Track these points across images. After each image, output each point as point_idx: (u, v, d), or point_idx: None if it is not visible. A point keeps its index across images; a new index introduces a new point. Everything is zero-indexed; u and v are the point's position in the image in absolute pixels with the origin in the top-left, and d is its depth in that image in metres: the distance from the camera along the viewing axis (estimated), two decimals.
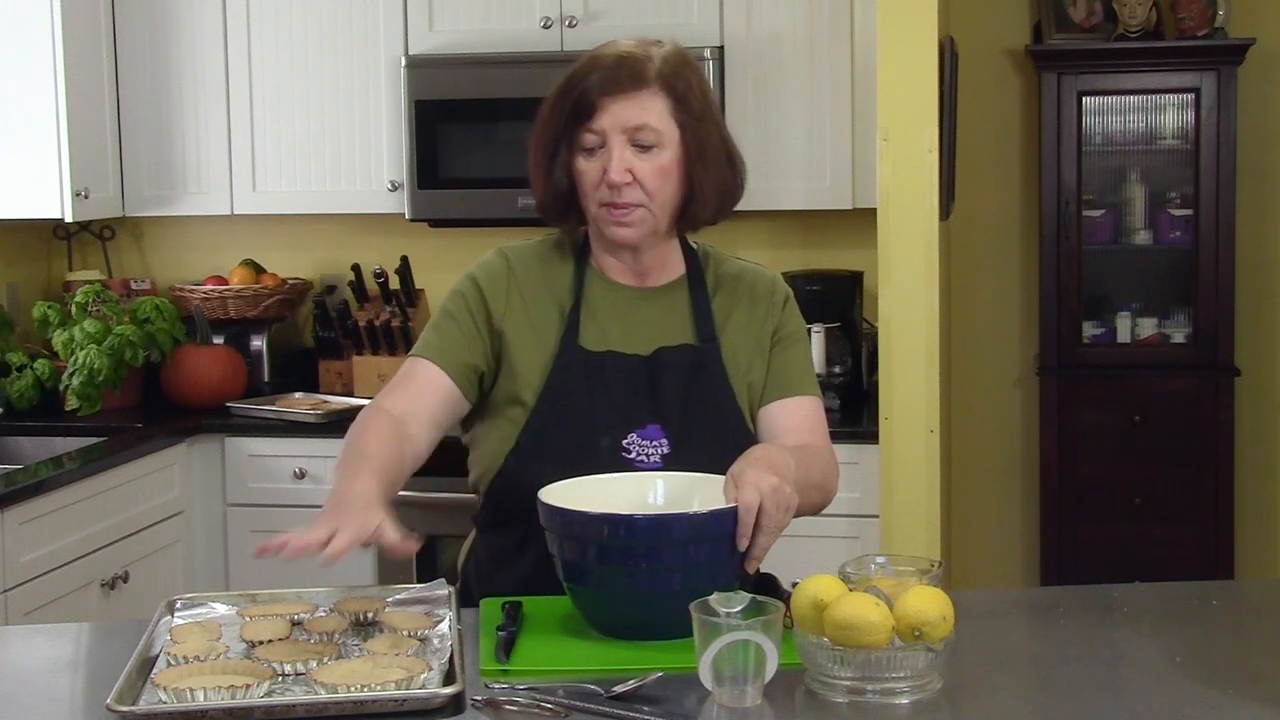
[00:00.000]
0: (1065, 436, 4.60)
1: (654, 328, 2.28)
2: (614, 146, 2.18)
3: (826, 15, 4.11)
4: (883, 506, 3.79)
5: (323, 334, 4.50)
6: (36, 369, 4.23)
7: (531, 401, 2.23)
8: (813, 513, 2.22)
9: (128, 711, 1.71)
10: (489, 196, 4.24)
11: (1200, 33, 4.51)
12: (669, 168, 2.20)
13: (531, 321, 2.26)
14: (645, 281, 2.30)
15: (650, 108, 2.18)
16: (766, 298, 2.34)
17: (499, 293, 2.27)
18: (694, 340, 2.28)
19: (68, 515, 3.57)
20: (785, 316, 2.35)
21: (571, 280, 2.29)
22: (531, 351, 2.25)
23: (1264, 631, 2.10)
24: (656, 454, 2.21)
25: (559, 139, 2.22)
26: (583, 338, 2.25)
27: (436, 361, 2.25)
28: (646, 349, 2.26)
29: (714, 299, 2.32)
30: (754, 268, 2.38)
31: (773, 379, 2.31)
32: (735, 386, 2.27)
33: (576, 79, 2.20)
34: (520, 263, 2.30)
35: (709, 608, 1.78)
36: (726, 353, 2.28)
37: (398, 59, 4.27)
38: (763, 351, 2.31)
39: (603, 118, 2.17)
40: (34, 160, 4.12)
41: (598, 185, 2.19)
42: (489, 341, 2.26)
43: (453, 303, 2.29)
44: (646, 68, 2.19)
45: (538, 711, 1.73)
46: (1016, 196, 4.81)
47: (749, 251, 4.49)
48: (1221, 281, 4.52)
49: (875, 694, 1.76)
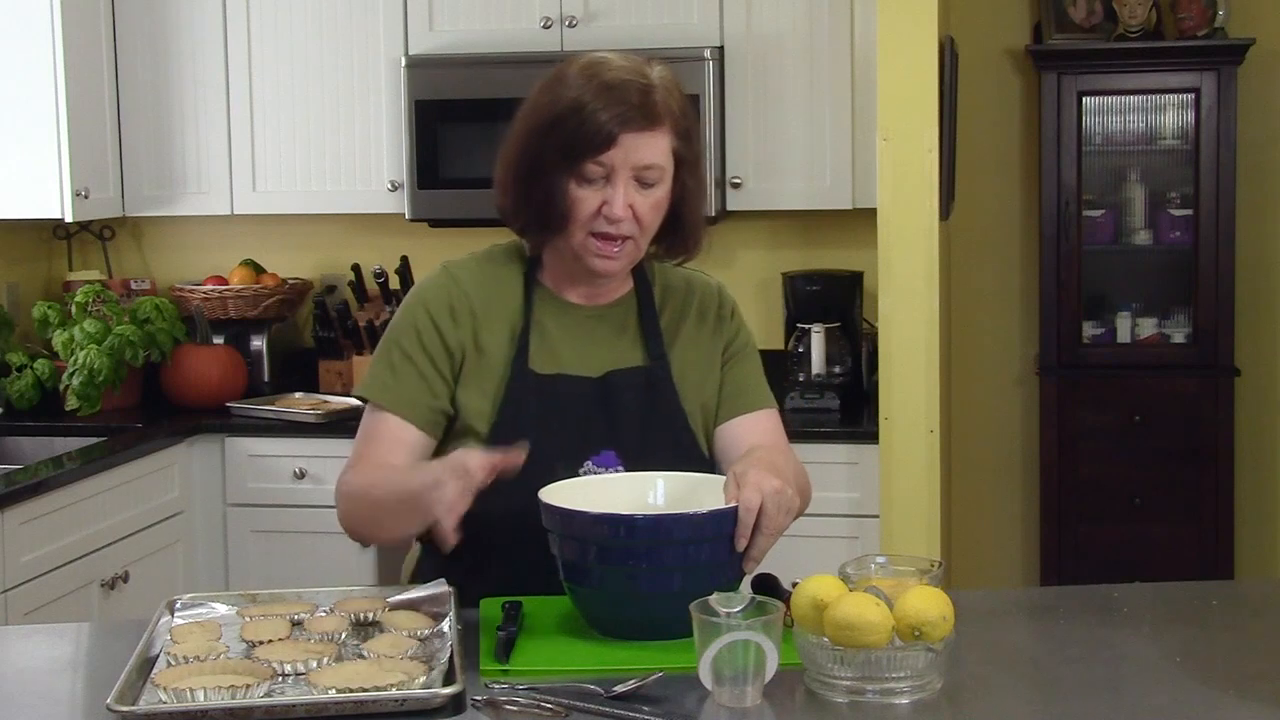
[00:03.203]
0: (1065, 436, 4.60)
1: (604, 347, 2.27)
2: (620, 182, 2.15)
3: (826, 15, 4.11)
4: (883, 506, 3.79)
5: (323, 334, 4.51)
6: (36, 369, 4.23)
7: (485, 430, 2.21)
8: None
9: (128, 711, 1.71)
10: (489, 197, 4.16)
11: (1200, 33, 4.51)
12: (662, 202, 2.20)
13: (481, 344, 2.24)
14: (595, 299, 2.29)
15: (660, 146, 2.17)
16: (715, 310, 2.34)
17: (451, 321, 2.24)
18: (643, 360, 2.27)
19: (68, 515, 3.57)
20: (734, 330, 2.35)
21: (521, 299, 2.27)
22: (483, 376, 2.23)
23: (1264, 631, 2.10)
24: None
25: (556, 157, 2.16)
26: (533, 360, 2.23)
27: (400, 414, 2.23)
28: (597, 370, 2.25)
29: (662, 314, 2.31)
30: (699, 277, 2.38)
31: (728, 395, 2.31)
32: (688, 408, 2.27)
33: (585, 106, 2.13)
34: (471, 281, 2.27)
35: (709, 608, 1.78)
36: (676, 372, 2.28)
37: (398, 59, 4.27)
38: (714, 369, 2.31)
39: (616, 153, 2.14)
40: (34, 160, 4.12)
41: (594, 217, 2.16)
42: (450, 378, 2.23)
43: (407, 339, 2.25)
44: (657, 105, 2.16)
45: (538, 711, 1.73)
46: (1016, 196, 4.81)
47: (749, 251, 4.52)
48: (1221, 281, 4.52)
49: (875, 694, 1.77)
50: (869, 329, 4.26)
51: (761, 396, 2.34)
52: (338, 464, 4.05)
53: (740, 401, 2.31)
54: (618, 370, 2.25)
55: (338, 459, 4.07)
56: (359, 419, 4.43)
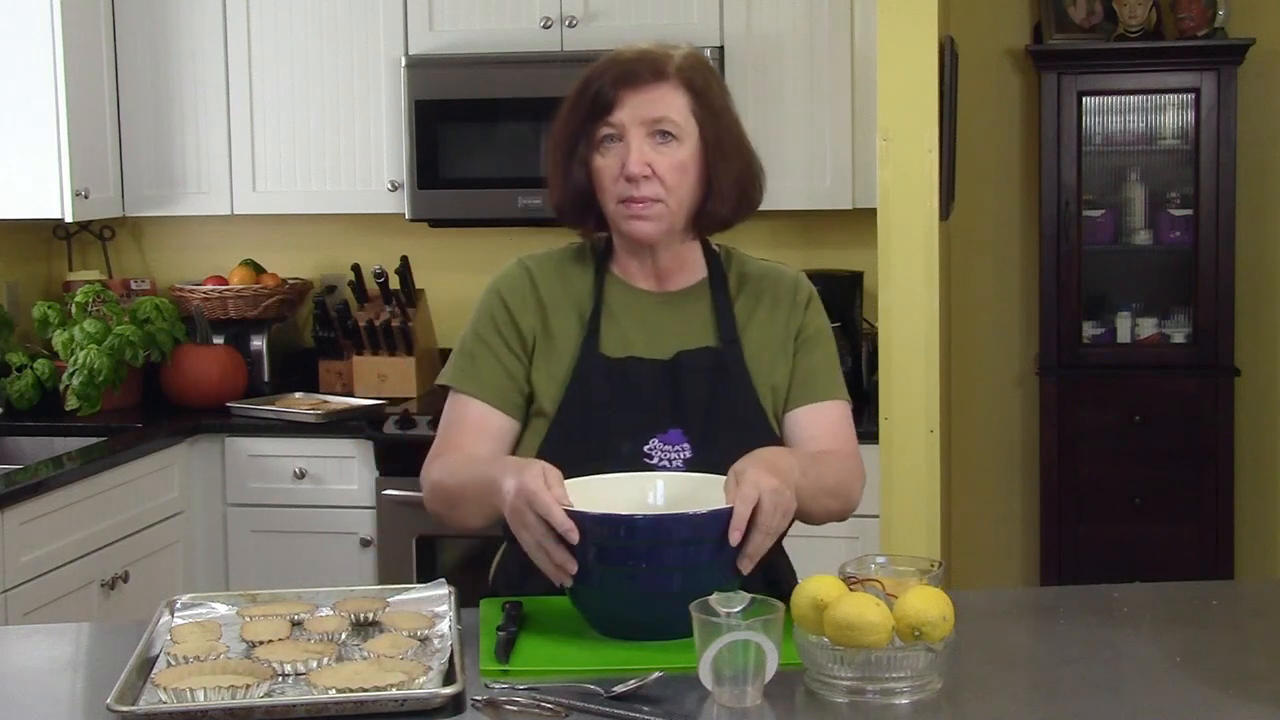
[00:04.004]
0: (1065, 436, 4.60)
1: (675, 332, 2.26)
2: (632, 139, 2.16)
3: (826, 15, 4.11)
4: (883, 506, 3.79)
5: (323, 334, 4.50)
6: (36, 369, 4.23)
7: (552, 411, 2.22)
8: (828, 520, 2.21)
9: (128, 711, 1.71)
10: (489, 196, 4.24)
11: (1200, 33, 4.51)
12: (687, 163, 2.19)
13: (552, 330, 2.25)
14: (666, 286, 2.29)
15: (670, 101, 2.18)
16: (789, 297, 2.32)
17: (524, 306, 2.26)
18: (715, 343, 2.26)
19: (68, 515, 3.57)
20: (809, 317, 2.33)
21: (591, 286, 2.28)
22: (553, 361, 2.24)
23: (1264, 631, 2.10)
24: (679, 458, 2.19)
25: (577, 135, 2.20)
26: (603, 344, 2.24)
27: (482, 398, 2.24)
28: (667, 353, 2.25)
29: (736, 300, 2.30)
30: (777, 267, 2.37)
31: (797, 384, 2.29)
32: (759, 389, 2.25)
33: (595, 76, 2.20)
34: (540, 272, 2.29)
35: (709, 608, 1.78)
36: (749, 354, 2.26)
37: (398, 59, 4.27)
38: (786, 353, 2.29)
39: (621, 111, 2.16)
40: (34, 160, 4.12)
41: (616, 179, 2.18)
42: (525, 359, 2.25)
43: (483, 326, 2.28)
44: (666, 63, 2.19)
45: (538, 711, 1.73)
46: (1016, 196, 4.81)
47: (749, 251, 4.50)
48: (1221, 281, 4.52)
49: (875, 694, 1.77)
50: (869, 329, 4.27)
51: (830, 387, 2.31)
52: (338, 464, 4.13)
53: (807, 390, 2.29)
54: (687, 351, 2.25)
55: (338, 459, 4.12)
56: (359, 419, 4.43)
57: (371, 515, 4.07)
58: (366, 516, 4.08)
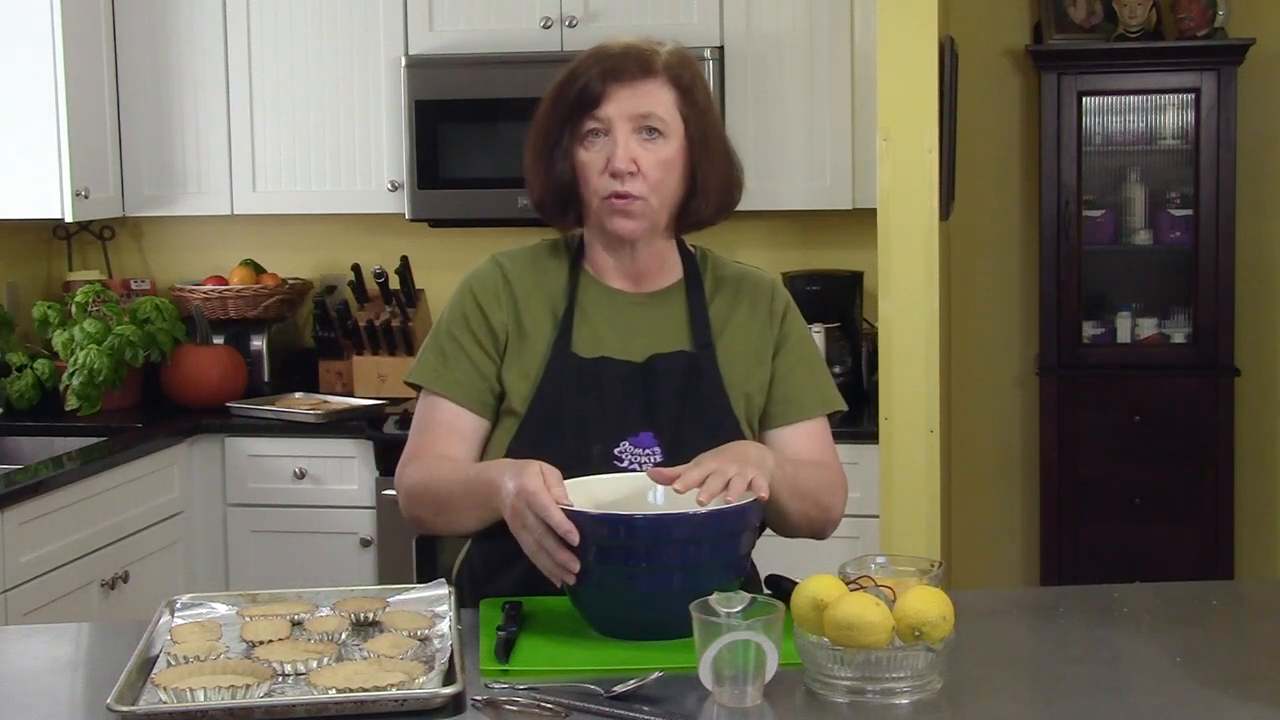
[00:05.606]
0: (1065, 436, 4.60)
1: (649, 334, 2.25)
2: (619, 134, 2.15)
3: (826, 15, 4.11)
4: (883, 506, 3.79)
5: (323, 334, 4.51)
6: (36, 369, 4.23)
7: (523, 410, 2.20)
8: (808, 530, 2.19)
9: (128, 711, 1.71)
10: (489, 196, 4.24)
11: (1200, 33, 4.51)
12: (672, 160, 2.18)
13: (525, 328, 2.24)
14: (641, 286, 2.27)
15: (656, 97, 2.16)
16: (766, 305, 2.30)
17: (496, 303, 2.24)
18: (689, 346, 2.24)
19: (68, 515, 3.57)
20: (787, 327, 2.30)
21: (565, 284, 2.26)
22: (524, 359, 2.22)
23: (1264, 631, 2.10)
24: (650, 462, 2.17)
25: (561, 129, 2.18)
26: (575, 343, 2.22)
27: (453, 398, 2.23)
28: (641, 355, 2.23)
29: (712, 303, 2.28)
30: (754, 271, 2.35)
31: (778, 402, 2.27)
32: (731, 395, 2.23)
33: (581, 69, 2.18)
34: (514, 268, 2.27)
35: (709, 608, 1.78)
36: (723, 359, 2.25)
37: (398, 59, 4.27)
38: (763, 361, 2.27)
39: (608, 105, 2.15)
40: (34, 160, 4.12)
41: (601, 174, 2.16)
42: (498, 358, 2.24)
43: (454, 325, 2.26)
44: (654, 59, 2.18)
45: (538, 711, 1.73)
46: (1016, 196, 4.81)
47: (749, 251, 4.52)
48: (1221, 281, 4.52)
49: (875, 694, 1.76)
50: (869, 329, 4.26)
51: (812, 403, 2.29)
52: (337, 464, 4.13)
53: (790, 408, 2.27)
54: (661, 355, 2.23)
55: (337, 459, 4.13)
56: (359, 419, 4.43)
57: (371, 515, 4.07)
58: (366, 516, 4.08)
